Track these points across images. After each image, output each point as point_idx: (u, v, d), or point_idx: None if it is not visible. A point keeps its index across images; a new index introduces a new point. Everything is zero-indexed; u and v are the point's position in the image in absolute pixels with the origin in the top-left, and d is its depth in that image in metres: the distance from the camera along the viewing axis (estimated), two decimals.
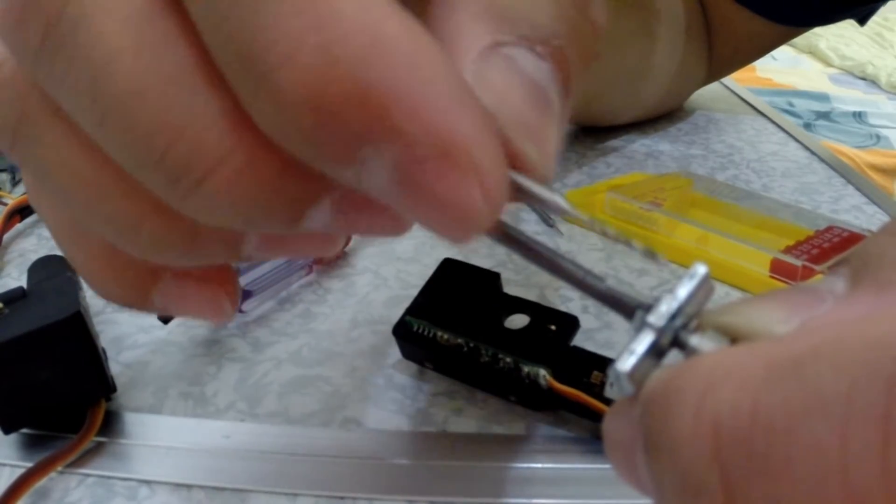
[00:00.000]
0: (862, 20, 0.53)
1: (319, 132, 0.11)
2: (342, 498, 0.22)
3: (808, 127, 1.41)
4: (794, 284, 0.32)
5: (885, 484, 0.08)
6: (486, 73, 0.12)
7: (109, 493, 0.22)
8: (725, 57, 0.54)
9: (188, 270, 0.16)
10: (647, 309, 0.12)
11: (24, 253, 0.35)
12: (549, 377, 0.23)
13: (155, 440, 0.24)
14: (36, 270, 0.27)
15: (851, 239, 0.34)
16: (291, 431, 0.24)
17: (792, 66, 1.82)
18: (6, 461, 0.23)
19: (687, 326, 0.12)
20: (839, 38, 1.88)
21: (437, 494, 0.22)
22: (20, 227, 0.37)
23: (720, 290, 0.33)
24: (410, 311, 0.26)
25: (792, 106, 1.51)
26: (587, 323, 0.29)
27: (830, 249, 0.33)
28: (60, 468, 0.22)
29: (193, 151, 0.12)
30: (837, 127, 1.45)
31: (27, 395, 0.23)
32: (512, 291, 0.27)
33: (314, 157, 0.11)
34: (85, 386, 0.23)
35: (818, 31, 1.82)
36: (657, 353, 0.12)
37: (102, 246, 0.15)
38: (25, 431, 0.24)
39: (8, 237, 0.36)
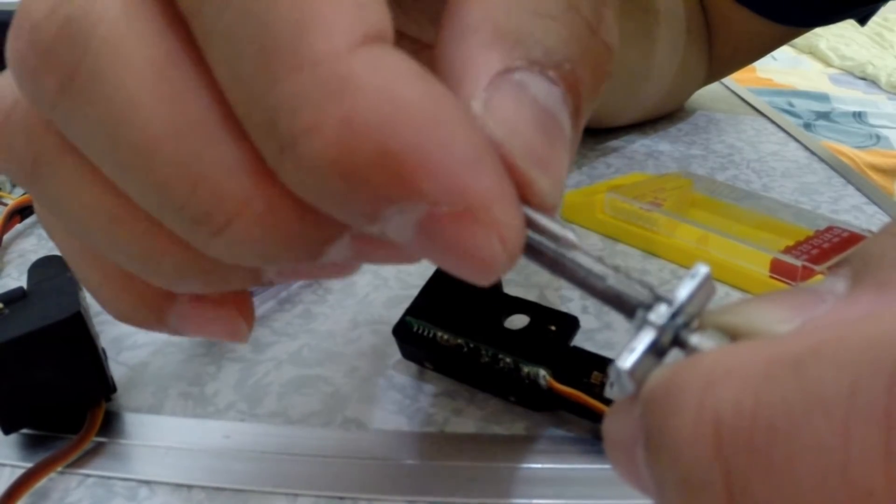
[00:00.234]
0: (862, 20, 0.53)
1: (344, 194, 0.11)
2: (342, 498, 0.22)
3: (808, 127, 1.41)
4: (794, 285, 0.32)
5: (887, 482, 0.08)
6: (497, 101, 0.12)
7: (109, 493, 0.22)
8: (726, 57, 0.54)
9: (205, 294, 0.16)
10: (647, 307, 0.12)
11: (24, 253, 0.35)
12: (549, 377, 0.23)
13: (155, 440, 0.24)
14: (36, 270, 0.27)
15: (851, 239, 0.34)
16: (291, 431, 0.24)
17: (792, 66, 1.82)
18: (6, 461, 0.23)
19: (688, 325, 0.12)
20: (839, 38, 1.88)
21: (437, 494, 0.22)
22: (20, 227, 0.37)
23: (720, 290, 0.33)
24: (410, 311, 0.26)
25: (792, 106, 1.51)
26: (587, 323, 0.29)
27: (830, 250, 0.33)
28: (60, 468, 0.22)
29: (215, 200, 0.12)
30: (837, 127, 1.45)
31: (27, 395, 0.23)
32: (512, 291, 0.27)
33: (338, 214, 0.12)
34: (85, 386, 0.23)
35: (818, 31, 1.82)
36: (658, 352, 0.12)
37: (116, 268, 0.15)
38: (25, 431, 0.24)
39: (8, 237, 0.36)
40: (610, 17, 0.14)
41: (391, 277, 0.33)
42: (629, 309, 0.12)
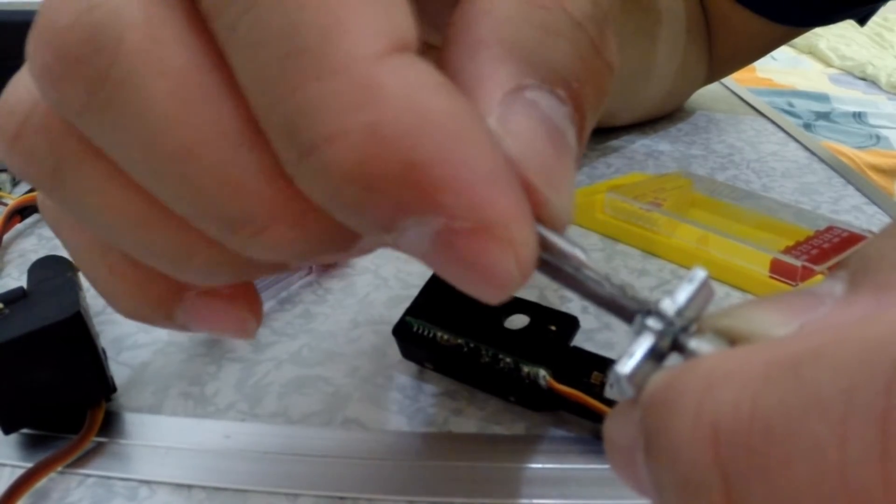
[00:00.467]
0: (862, 20, 0.53)
1: (363, 204, 0.11)
2: (342, 498, 0.22)
3: (808, 127, 1.41)
4: (794, 285, 0.32)
5: (884, 484, 0.08)
6: (511, 118, 0.12)
7: (109, 493, 0.22)
8: (726, 57, 0.54)
9: (213, 289, 0.16)
10: (646, 312, 0.12)
11: (24, 253, 0.35)
12: (549, 377, 0.23)
13: (155, 440, 0.24)
14: (36, 270, 0.27)
15: (851, 239, 0.34)
16: (292, 431, 0.24)
17: (792, 66, 1.82)
18: (6, 461, 0.23)
19: (687, 330, 0.12)
20: (839, 38, 1.88)
21: (437, 494, 0.22)
22: (20, 227, 0.37)
23: (720, 290, 0.33)
24: (410, 311, 0.26)
25: (792, 106, 1.52)
26: (587, 323, 0.29)
27: (830, 250, 0.33)
28: (60, 468, 0.22)
29: (253, 205, 0.12)
30: (837, 127, 1.45)
31: (27, 395, 0.23)
32: None
33: (355, 223, 0.12)
34: (85, 386, 0.23)
35: (818, 31, 1.82)
36: (657, 356, 0.12)
37: (125, 265, 0.15)
38: (25, 431, 0.24)
39: (8, 237, 0.36)
40: (612, 36, 0.14)
41: (391, 277, 0.33)
42: (628, 314, 0.12)
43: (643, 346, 0.12)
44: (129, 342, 0.28)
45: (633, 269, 0.35)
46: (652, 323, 0.12)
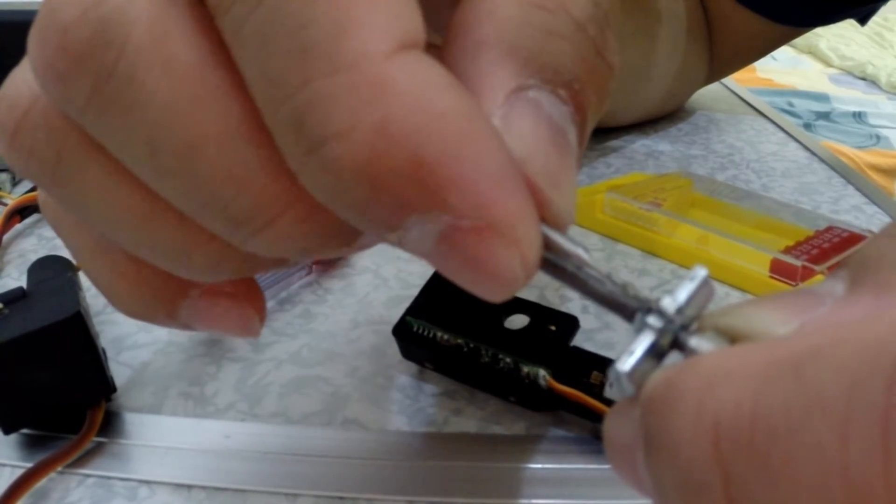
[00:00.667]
0: (862, 20, 0.53)
1: (369, 201, 0.11)
2: (342, 498, 0.22)
3: (808, 127, 1.41)
4: (794, 285, 0.32)
5: (885, 482, 0.08)
6: (514, 119, 0.12)
7: (109, 493, 0.22)
8: (726, 57, 0.54)
9: (217, 287, 0.16)
10: (646, 310, 0.12)
11: (24, 253, 0.35)
12: (548, 377, 0.23)
13: (155, 440, 0.24)
14: (36, 270, 0.27)
15: (851, 239, 0.34)
16: (291, 431, 0.24)
17: (792, 66, 1.82)
18: (6, 461, 0.23)
19: (687, 328, 0.12)
20: (839, 38, 1.88)
21: (437, 494, 0.22)
22: (20, 227, 0.37)
23: (720, 290, 0.33)
24: (410, 311, 0.26)
25: (792, 106, 1.52)
26: (587, 323, 0.29)
27: (830, 250, 0.33)
28: (60, 468, 0.22)
29: (258, 201, 0.12)
30: (837, 127, 1.45)
31: (27, 395, 0.23)
32: None
33: (358, 221, 0.12)
34: (85, 386, 0.23)
35: (818, 31, 1.82)
36: (657, 354, 0.12)
37: (128, 264, 0.15)
38: (25, 431, 0.24)
39: (8, 237, 0.36)
40: (612, 37, 0.14)
41: (391, 277, 0.33)
42: (628, 312, 0.12)
43: (643, 343, 0.12)
44: (129, 342, 0.28)
45: (633, 268, 0.35)
46: (652, 321, 0.12)
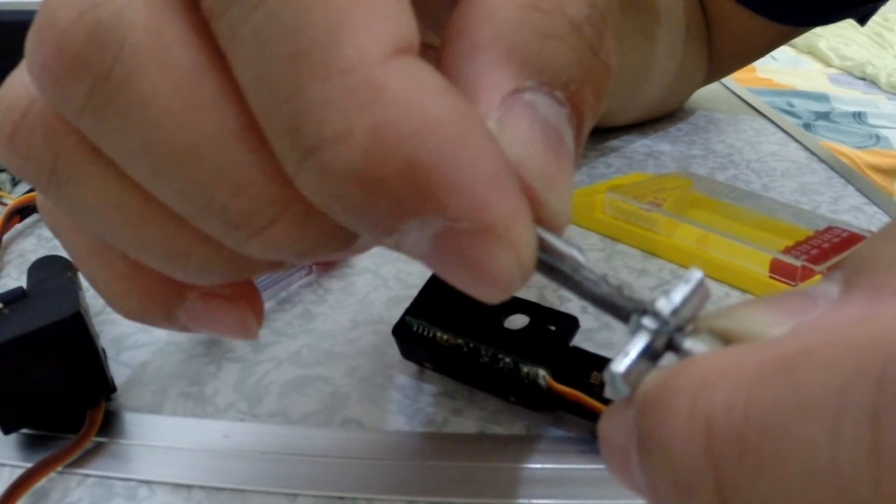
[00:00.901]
0: (862, 20, 0.53)
1: (364, 205, 0.11)
2: (342, 498, 0.22)
3: (807, 127, 1.41)
4: (794, 285, 0.32)
5: (875, 481, 0.08)
6: (510, 121, 0.12)
7: (109, 493, 0.22)
8: (725, 57, 0.54)
9: (214, 289, 0.16)
10: (642, 312, 0.12)
11: (24, 253, 0.35)
12: (548, 377, 0.23)
13: (155, 440, 0.24)
14: (36, 270, 0.27)
15: (851, 239, 0.34)
16: (291, 431, 0.24)
17: (792, 66, 1.82)
18: (6, 461, 0.23)
19: (682, 330, 0.12)
20: (839, 38, 1.88)
21: (437, 494, 0.22)
22: (20, 227, 0.37)
23: (720, 290, 0.33)
24: (410, 311, 0.26)
25: (792, 106, 1.52)
26: (587, 323, 0.29)
27: (830, 250, 0.33)
28: (60, 468, 0.22)
29: (255, 204, 0.12)
30: (837, 127, 1.45)
31: (27, 395, 0.23)
32: None
33: (354, 225, 0.12)
34: (85, 386, 0.23)
35: (818, 31, 1.82)
36: (652, 355, 0.12)
37: (126, 266, 0.15)
38: (25, 431, 0.24)
39: (8, 237, 0.36)
40: (610, 38, 0.14)
41: (391, 277, 0.33)
42: (624, 315, 0.12)
43: (638, 344, 0.12)
44: (128, 342, 0.28)
45: (633, 269, 0.35)
46: (647, 322, 0.12)
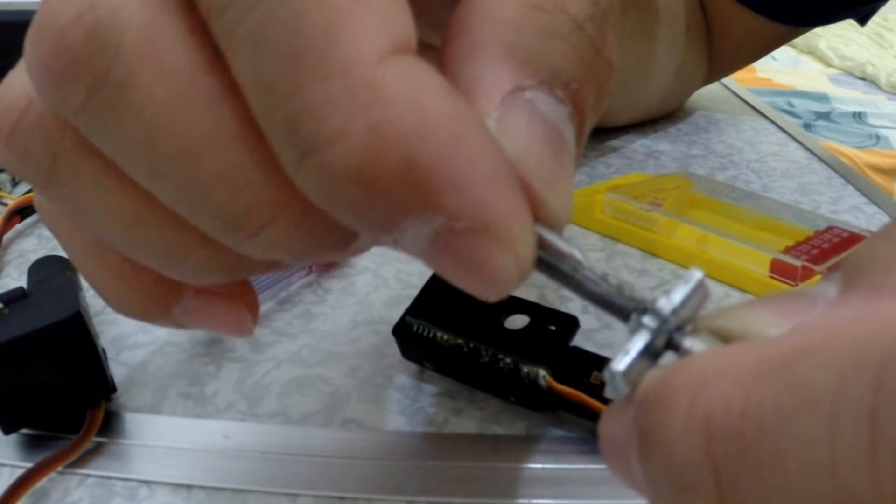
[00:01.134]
0: (862, 20, 0.53)
1: (363, 204, 0.11)
2: (342, 498, 0.22)
3: (807, 127, 1.41)
4: (794, 285, 0.32)
5: (872, 479, 0.08)
6: (510, 120, 0.12)
7: (109, 493, 0.22)
8: (726, 57, 0.54)
9: (210, 287, 0.16)
10: (642, 311, 0.12)
11: (24, 253, 0.35)
12: (548, 377, 0.23)
13: (155, 440, 0.24)
14: (36, 270, 0.27)
15: (851, 239, 0.34)
16: (291, 431, 0.24)
17: (792, 66, 1.82)
18: (6, 461, 0.23)
19: (682, 329, 0.12)
20: (839, 38, 1.88)
21: (437, 494, 0.22)
22: (20, 227, 0.37)
23: (720, 290, 0.33)
24: (410, 311, 0.26)
25: (792, 106, 1.52)
26: (587, 323, 0.29)
27: (830, 250, 0.33)
28: (60, 468, 0.22)
29: (254, 205, 0.12)
30: (837, 127, 1.45)
31: (27, 395, 0.23)
32: (511, 292, 0.26)
33: (355, 223, 0.12)
34: (85, 386, 0.23)
35: (818, 31, 1.82)
36: (652, 354, 0.12)
37: (123, 264, 0.15)
38: (25, 431, 0.24)
39: (8, 237, 0.36)
40: (612, 36, 0.14)
41: (391, 277, 0.33)
42: (625, 314, 0.12)
43: (638, 343, 0.12)
44: (128, 342, 0.28)
45: (633, 269, 0.35)
46: (647, 321, 0.12)
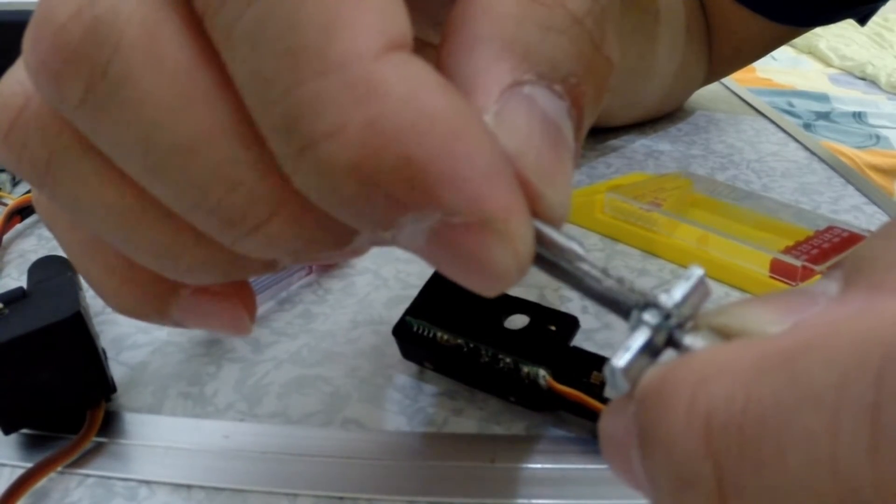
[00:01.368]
0: (862, 20, 0.53)
1: (361, 200, 0.11)
2: (342, 498, 0.22)
3: (807, 127, 1.41)
4: (794, 285, 0.32)
5: (874, 473, 0.08)
6: (508, 114, 0.12)
7: (109, 493, 0.22)
8: (725, 57, 0.54)
9: (207, 286, 0.16)
10: (643, 307, 0.12)
11: (24, 253, 0.35)
12: (548, 377, 0.23)
13: (154, 440, 0.24)
14: (36, 271, 0.27)
15: (851, 239, 0.34)
16: (291, 431, 0.24)
17: (792, 66, 1.82)
18: (6, 461, 0.23)
19: (682, 326, 0.12)
20: (839, 38, 1.88)
21: (437, 494, 0.22)
22: (20, 227, 0.37)
23: (720, 290, 0.33)
24: (410, 311, 0.26)
25: (792, 106, 1.52)
26: (587, 323, 0.29)
27: (830, 250, 0.33)
28: (60, 468, 0.22)
29: (251, 202, 0.12)
30: (837, 127, 1.45)
31: (27, 395, 0.23)
32: (512, 292, 0.26)
33: (352, 220, 0.12)
34: (85, 386, 0.23)
35: (818, 31, 1.82)
36: (653, 351, 0.12)
37: (120, 262, 0.15)
38: (25, 431, 0.24)
39: (8, 237, 0.36)
40: (611, 32, 0.14)
41: (391, 277, 0.33)
42: (625, 310, 0.12)
43: (639, 340, 0.12)
44: (128, 342, 0.28)
45: (633, 269, 0.35)
46: (648, 317, 0.12)
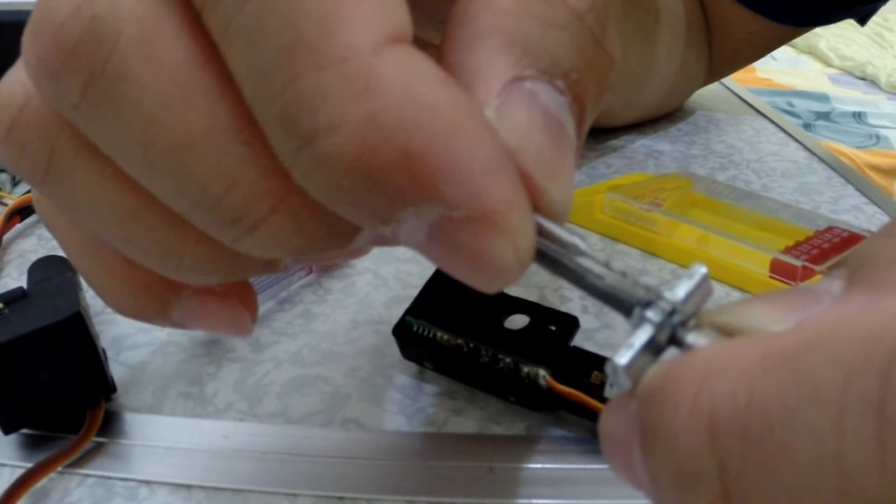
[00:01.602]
0: (862, 20, 0.53)
1: (361, 194, 0.11)
2: (342, 498, 0.22)
3: (807, 127, 1.41)
4: (794, 285, 0.32)
5: (879, 471, 0.08)
6: (509, 110, 0.12)
7: (109, 493, 0.22)
8: (726, 57, 0.54)
9: (208, 287, 0.16)
10: (645, 304, 0.12)
11: (24, 253, 0.35)
12: (548, 377, 0.23)
13: (154, 440, 0.24)
14: (36, 270, 0.27)
15: (851, 239, 0.34)
16: (291, 431, 0.24)
17: (792, 66, 1.82)
18: (6, 461, 0.23)
19: (685, 324, 0.12)
20: (839, 38, 1.88)
21: (437, 494, 0.22)
22: (20, 227, 0.37)
23: (720, 290, 0.33)
24: (410, 311, 0.26)
25: (792, 106, 1.52)
26: (587, 323, 0.29)
27: (830, 250, 0.33)
28: (60, 468, 0.22)
29: (251, 199, 0.12)
30: (837, 127, 1.45)
31: (27, 395, 0.23)
32: (512, 292, 0.27)
33: (352, 215, 0.12)
34: (85, 386, 0.23)
35: (818, 31, 1.82)
36: (655, 349, 0.12)
37: (120, 262, 0.15)
38: (25, 431, 0.24)
39: (8, 237, 0.36)
40: (613, 28, 0.14)
41: (391, 277, 0.33)
42: (627, 307, 0.12)
43: (641, 337, 0.12)
44: (128, 342, 0.28)
45: (633, 269, 0.35)
46: (651, 315, 0.12)
